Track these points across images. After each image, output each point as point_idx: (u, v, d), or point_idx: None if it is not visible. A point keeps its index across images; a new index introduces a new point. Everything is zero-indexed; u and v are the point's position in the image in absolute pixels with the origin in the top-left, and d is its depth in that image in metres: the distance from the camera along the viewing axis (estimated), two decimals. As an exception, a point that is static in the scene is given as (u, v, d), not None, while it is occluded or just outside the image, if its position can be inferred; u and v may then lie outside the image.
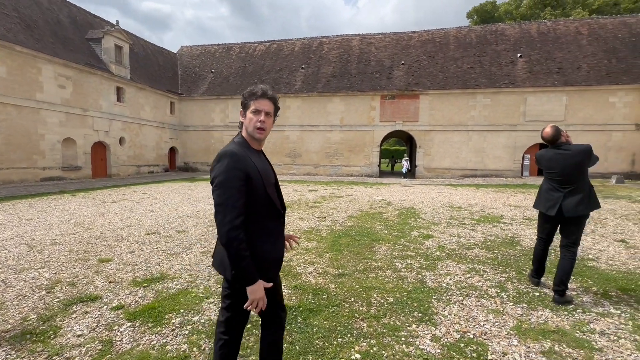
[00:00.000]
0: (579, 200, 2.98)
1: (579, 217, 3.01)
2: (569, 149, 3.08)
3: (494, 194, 12.55)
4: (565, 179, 3.07)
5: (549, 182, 3.23)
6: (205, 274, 3.83)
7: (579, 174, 3.04)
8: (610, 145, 18.87)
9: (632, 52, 19.77)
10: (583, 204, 2.98)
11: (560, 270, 3.04)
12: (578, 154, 3.04)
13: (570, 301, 3.03)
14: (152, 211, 8.15)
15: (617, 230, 6.24)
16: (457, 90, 20.47)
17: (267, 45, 27.00)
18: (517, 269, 4.00)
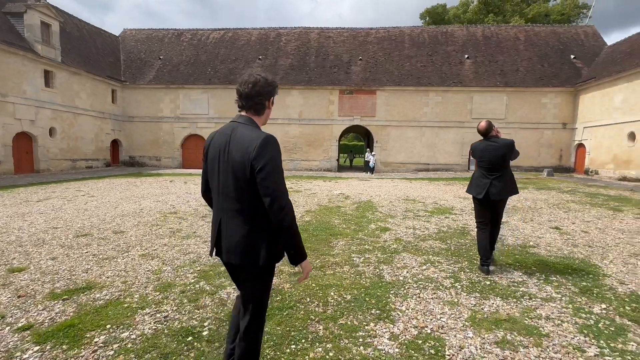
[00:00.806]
0: (502, 186, 3.52)
1: (501, 200, 3.60)
2: (497, 142, 3.60)
3: (445, 186, 13.21)
4: (493, 167, 3.57)
5: (480, 169, 3.71)
6: (143, 280, 3.38)
7: (503, 164, 3.57)
8: (543, 142, 20.95)
9: (561, 58, 22.06)
10: (505, 189, 3.55)
11: (489, 239, 3.67)
12: (503, 146, 3.56)
13: (494, 263, 3.79)
14: (86, 210, 7.23)
15: (551, 218, 6.82)
16: (411, 88, 21.23)
17: (221, 33, 25.64)
18: (469, 258, 4.11)
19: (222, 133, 1.53)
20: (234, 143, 1.45)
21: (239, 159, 1.42)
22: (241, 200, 1.46)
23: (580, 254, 4.35)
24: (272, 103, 1.60)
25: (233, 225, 1.48)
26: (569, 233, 5.53)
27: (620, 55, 18.90)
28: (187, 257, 4.09)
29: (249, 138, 1.43)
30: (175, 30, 26.24)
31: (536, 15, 39.29)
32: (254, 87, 1.49)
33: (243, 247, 1.46)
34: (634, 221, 6.60)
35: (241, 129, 1.48)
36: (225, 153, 1.47)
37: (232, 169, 1.45)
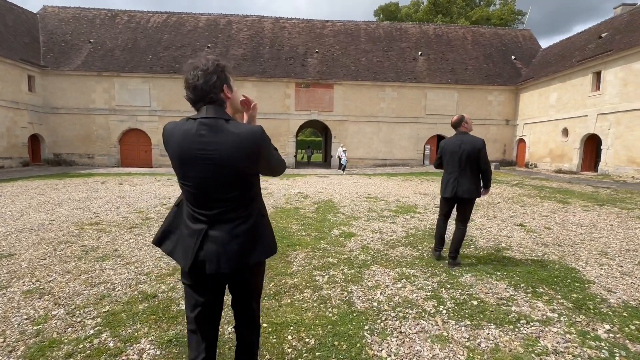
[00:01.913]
0: (469, 184, 3.53)
1: (470, 199, 3.60)
2: (466, 139, 3.57)
3: (403, 182, 13.12)
4: (459, 164, 3.54)
5: (447, 166, 3.68)
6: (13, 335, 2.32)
7: (472, 161, 3.52)
8: (489, 137, 22.12)
9: (503, 58, 23.48)
10: (472, 187, 3.54)
11: (455, 241, 3.65)
12: (473, 142, 3.53)
13: (459, 263, 3.68)
14: (-28, 225, 5.60)
15: (512, 214, 6.76)
16: (369, 82, 21.09)
17: (164, 17, 23.24)
18: (446, 269, 3.62)
19: (189, 133, 1.28)
20: (220, 142, 1.27)
21: (232, 155, 1.27)
22: (233, 199, 1.32)
23: (554, 255, 4.11)
24: (230, 89, 1.37)
25: (225, 230, 1.31)
26: (534, 230, 5.39)
27: (554, 58, 20.55)
28: (95, 291, 3.05)
29: (237, 134, 1.28)
30: (109, 11, 23.23)
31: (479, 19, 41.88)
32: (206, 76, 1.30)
33: (239, 250, 1.31)
34: (585, 214, 6.79)
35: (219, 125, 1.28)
36: (206, 153, 1.26)
37: (220, 170, 1.27)
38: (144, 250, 4.30)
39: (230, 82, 1.38)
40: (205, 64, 1.30)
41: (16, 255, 4.08)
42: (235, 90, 1.41)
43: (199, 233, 1.29)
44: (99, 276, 3.42)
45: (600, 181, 13.13)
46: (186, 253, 1.30)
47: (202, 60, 1.31)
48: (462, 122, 3.65)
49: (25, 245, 4.47)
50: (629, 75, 14.11)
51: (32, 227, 5.45)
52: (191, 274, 1.33)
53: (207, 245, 1.28)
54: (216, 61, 1.32)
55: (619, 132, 14.54)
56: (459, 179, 3.54)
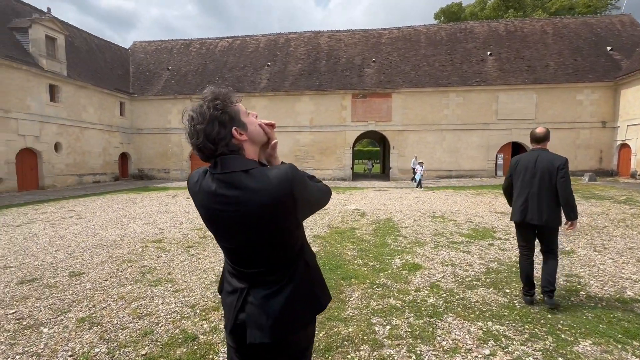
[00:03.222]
0: (548, 209, 2.97)
1: (548, 227, 3.02)
2: (545, 156, 3.07)
3: (473, 197, 11.67)
4: (535, 186, 3.05)
5: (520, 188, 3.16)
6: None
7: (548, 182, 3.00)
8: (579, 143, 18.92)
9: (595, 50, 20.05)
10: (552, 214, 2.97)
11: (545, 274, 3.07)
12: (553, 160, 3.02)
13: (558, 305, 3.07)
14: (61, 239, 6.25)
15: (630, 244, 5.27)
16: (430, 89, 19.76)
17: (229, 41, 25.09)
18: (550, 328, 2.73)
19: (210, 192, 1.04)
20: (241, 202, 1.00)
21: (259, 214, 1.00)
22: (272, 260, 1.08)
23: None
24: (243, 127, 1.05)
25: (265, 295, 1.08)
26: (672, 271, 4.03)
27: (668, 44, 16.80)
28: (139, 325, 2.92)
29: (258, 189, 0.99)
30: (184, 41, 25.92)
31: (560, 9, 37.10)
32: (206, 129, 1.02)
33: (280, 319, 1.06)
34: None
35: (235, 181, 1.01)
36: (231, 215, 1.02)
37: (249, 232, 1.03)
38: (195, 275, 4.19)
39: (241, 115, 1.07)
40: (200, 113, 1.02)
41: (84, 274, 4.29)
42: (251, 123, 1.09)
43: (240, 292, 1.11)
44: (147, 305, 3.32)
45: None
46: (229, 311, 1.13)
47: (196, 109, 1.03)
48: (549, 137, 3.14)
49: (94, 263, 4.73)
50: None
51: (106, 243, 5.85)
52: (233, 336, 1.14)
53: (248, 307, 1.09)
54: (212, 102, 1.02)
55: None
56: (531, 202, 3.04)
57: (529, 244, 3.22)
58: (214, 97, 1.03)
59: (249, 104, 21.13)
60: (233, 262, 1.12)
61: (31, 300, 3.49)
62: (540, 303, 3.17)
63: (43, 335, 2.78)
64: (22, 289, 3.80)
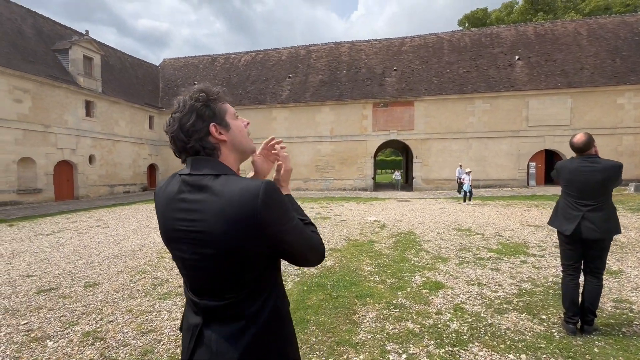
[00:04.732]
0: (601, 221, 2.67)
1: (601, 239, 2.68)
2: (598, 162, 2.74)
3: (503, 208, 10.95)
4: (586, 195, 2.74)
5: (567, 197, 2.88)
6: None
7: (603, 192, 2.73)
8: (622, 150, 17.48)
9: (637, 51, 18.64)
10: (605, 225, 2.66)
11: (587, 299, 2.77)
12: (609, 168, 2.70)
13: (597, 329, 2.81)
14: (85, 248, 6.43)
15: (690, 264, 4.61)
16: (454, 96, 19.15)
17: (252, 55, 25.80)
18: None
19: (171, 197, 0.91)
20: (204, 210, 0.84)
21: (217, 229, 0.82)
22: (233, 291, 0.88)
23: None
24: (224, 126, 0.93)
25: (223, 334, 0.87)
26: None
27: None
28: (142, 342, 2.81)
29: (223, 198, 0.83)
30: (210, 56, 26.96)
31: (594, 10, 35.22)
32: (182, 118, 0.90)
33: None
34: None
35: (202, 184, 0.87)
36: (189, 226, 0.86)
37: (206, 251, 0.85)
38: (205, 288, 4.09)
39: (226, 115, 0.95)
40: (182, 102, 0.92)
41: (99, 285, 4.31)
42: (237, 127, 0.97)
43: (194, 329, 0.93)
44: (153, 320, 3.23)
45: None
46: (183, 353, 0.96)
47: (180, 98, 0.94)
48: (593, 144, 2.80)
49: (110, 274, 4.76)
50: None
51: (125, 253, 5.92)
52: None
53: (200, 350, 0.90)
54: (196, 93, 0.92)
55: None
56: (588, 213, 2.70)
57: (577, 263, 2.86)
58: (200, 90, 0.93)
59: (270, 115, 21.46)
60: (190, 290, 0.95)
61: (44, 311, 3.51)
62: (584, 334, 2.75)
63: (47, 349, 2.74)
64: (38, 299, 3.85)
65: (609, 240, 2.74)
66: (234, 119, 0.97)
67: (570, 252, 2.86)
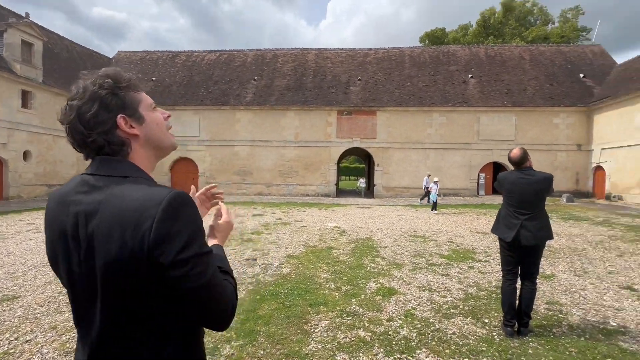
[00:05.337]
0: (536, 228, 2.88)
1: (536, 245, 2.91)
2: (533, 175, 2.97)
3: (456, 216, 11.59)
4: (524, 205, 2.95)
5: (507, 207, 3.08)
6: None
7: (538, 202, 2.96)
8: (557, 165, 19.43)
9: (569, 77, 21.01)
10: (540, 232, 2.89)
11: (523, 303, 2.98)
12: (542, 180, 2.94)
13: (532, 330, 3.01)
14: (8, 255, 5.66)
15: (609, 268, 5.16)
16: (414, 108, 20.09)
17: (217, 54, 25.05)
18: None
19: (64, 199, 0.76)
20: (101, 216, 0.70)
21: (109, 240, 0.68)
22: (122, 326, 0.71)
23: None
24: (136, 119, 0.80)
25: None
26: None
27: (636, 74, 17.76)
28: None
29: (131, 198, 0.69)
30: (170, 52, 25.71)
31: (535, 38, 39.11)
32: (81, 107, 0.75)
33: None
34: None
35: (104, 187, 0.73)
36: (80, 233, 0.71)
37: (94, 265, 0.69)
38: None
39: (140, 105, 0.81)
40: (83, 87, 0.76)
41: (20, 297, 3.79)
42: (154, 120, 0.84)
43: None
44: (81, 338, 2.88)
45: None
46: None
47: (80, 82, 0.77)
48: (528, 158, 3.02)
49: (36, 285, 4.21)
50: None
51: (57, 261, 5.31)
52: None
53: None
54: (101, 78, 0.77)
55: None
56: (525, 222, 2.89)
57: (515, 268, 3.05)
58: (106, 75, 0.78)
59: (233, 117, 20.90)
60: (75, 321, 0.78)
61: (-57, 331, 2.99)
62: (520, 335, 2.92)
63: (-60, 377, 2.31)
64: (-62, 317, 3.27)
65: (542, 246, 2.96)
66: (150, 110, 0.84)
67: (510, 258, 3.04)
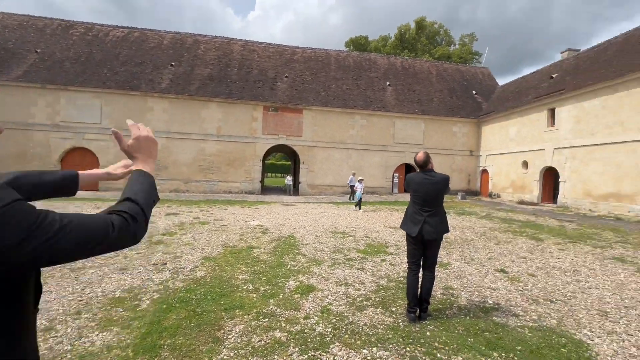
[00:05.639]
0: (436, 224, 3.25)
1: (437, 239, 3.28)
2: (433, 177, 3.32)
3: (373, 213, 12.47)
4: (427, 203, 3.29)
5: (414, 205, 3.39)
6: None
7: (438, 200, 3.33)
8: (455, 167, 22.60)
9: (465, 92, 24.62)
10: (440, 227, 3.27)
11: (423, 291, 3.34)
12: (441, 181, 3.31)
13: (430, 314, 3.39)
14: None
15: (489, 255, 6.18)
16: (338, 109, 20.94)
17: (125, 31, 22.00)
18: (428, 347, 2.76)
19: None
20: None
21: None
22: None
23: (551, 319, 3.43)
24: None
25: None
26: (518, 279, 4.77)
27: (511, 94, 21.78)
28: None
29: None
30: (63, 22, 21.61)
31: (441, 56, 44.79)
32: None
33: None
34: (562, 254, 6.39)
35: None
36: None
37: None
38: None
39: None
40: None
41: None
42: None
43: None
44: None
45: (562, 214, 13.36)
46: None
47: None
48: (430, 160, 3.38)
49: None
50: (581, 113, 14.98)
51: None
52: None
53: None
54: None
55: (574, 166, 15.17)
56: (428, 218, 3.26)
57: (418, 260, 3.38)
58: None
59: (145, 104, 18.66)
60: None
61: None
62: (420, 320, 3.26)
63: None
64: None
65: (441, 239, 3.36)
66: None
67: (414, 250, 3.37)
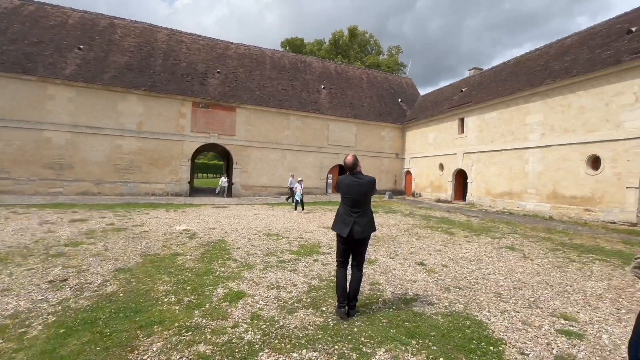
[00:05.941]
0: (365, 224, 3.40)
1: (365, 238, 3.43)
2: (361, 179, 3.48)
3: (307, 213, 12.63)
4: (356, 204, 3.43)
5: (344, 206, 3.51)
6: None
7: (366, 201, 3.48)
8: (383, 169, 24.27)
9: (392, 99, 26.63)
10: (367, 227, 3.42)
11: (351, 288, 3.49)
12: (367, 183, 3.47)
13: (358, 311, 3.53)
14: None
15: (411, 250, 6.76)
16: (273, 109, 20.71)
17: (15, 3, 18.38)
18: (355, 343, 2.88)
19: None
20: None
21: None
22: None
23: (459, 304, 3.88)
24: None
25: None
26: (434, 270, 5.30)
27: (430, 104, 24.30)
28: None
29: None
30: None
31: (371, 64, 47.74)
32: None
33: None
34: (468, 245, 7.32)
35: None
36: None
37: None
38: None
39: None
40: None
41: None
42: None
43: None
44: None
45: (469, 210, 15.37)
46: None
47: None
48: (359, 164, 3.56)
49: None
50: (483, 123, 17.46)
51: None
52: None
53: None
54: None
55: (479, 168, 17.61)
56: (357, 218, 3.39)
57: (347, 259, 3.53)
58: None
59: (44, 92, 15.86)
60: None
61: None
62: (349, 317, 3.38)
63: None
64: None
65: (368, 238, 3.52)
66: None
67: (344, 250, 3.50)
